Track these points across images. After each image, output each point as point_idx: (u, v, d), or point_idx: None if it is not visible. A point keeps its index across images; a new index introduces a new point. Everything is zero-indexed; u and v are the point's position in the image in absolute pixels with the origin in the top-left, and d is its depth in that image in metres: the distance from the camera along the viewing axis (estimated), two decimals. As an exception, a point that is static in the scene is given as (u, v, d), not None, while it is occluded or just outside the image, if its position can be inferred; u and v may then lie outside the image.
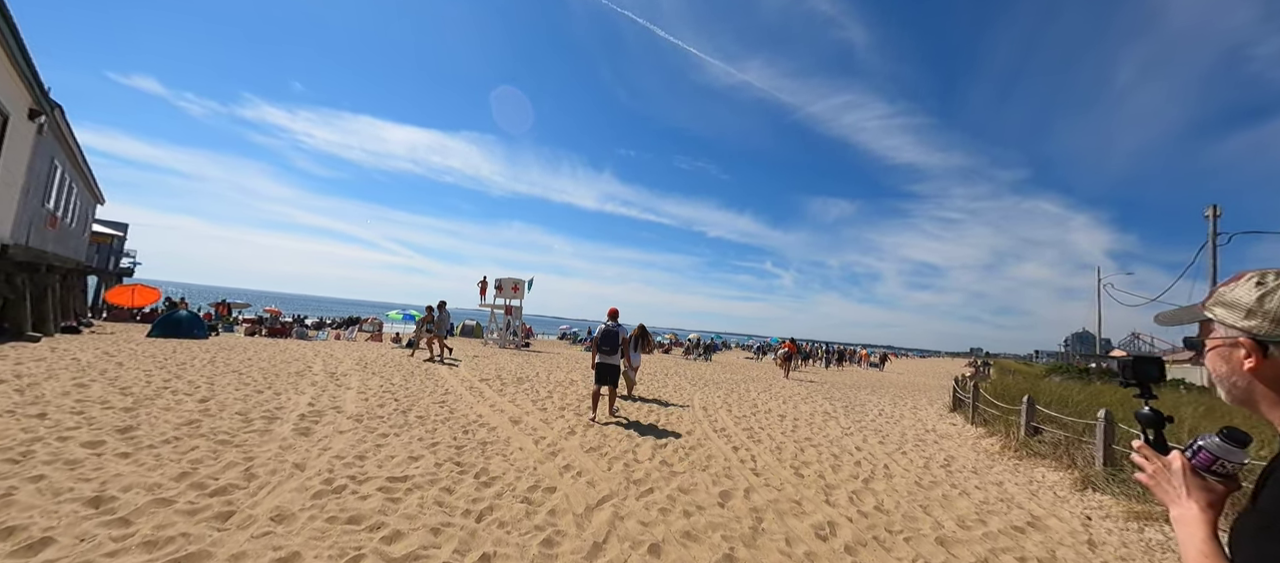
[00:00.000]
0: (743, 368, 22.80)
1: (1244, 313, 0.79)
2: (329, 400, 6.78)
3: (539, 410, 7.39)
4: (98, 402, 5.49)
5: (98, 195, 21.13)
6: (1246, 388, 0.80)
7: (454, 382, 9.63)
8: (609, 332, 7.44)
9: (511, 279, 26.97)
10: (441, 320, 13.47)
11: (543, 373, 12.51)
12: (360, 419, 5.85)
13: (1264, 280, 0.80)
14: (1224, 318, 0.82)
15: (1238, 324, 0.80)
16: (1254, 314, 0.78)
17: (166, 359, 9.34)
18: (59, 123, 11.39)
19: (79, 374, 6.95)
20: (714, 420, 7.90)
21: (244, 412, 5.67)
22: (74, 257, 17.91)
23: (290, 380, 8.11)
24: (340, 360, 11.76)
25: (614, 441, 5.96)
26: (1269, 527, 0.70)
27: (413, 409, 6.68)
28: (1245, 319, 0.79)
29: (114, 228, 34.09)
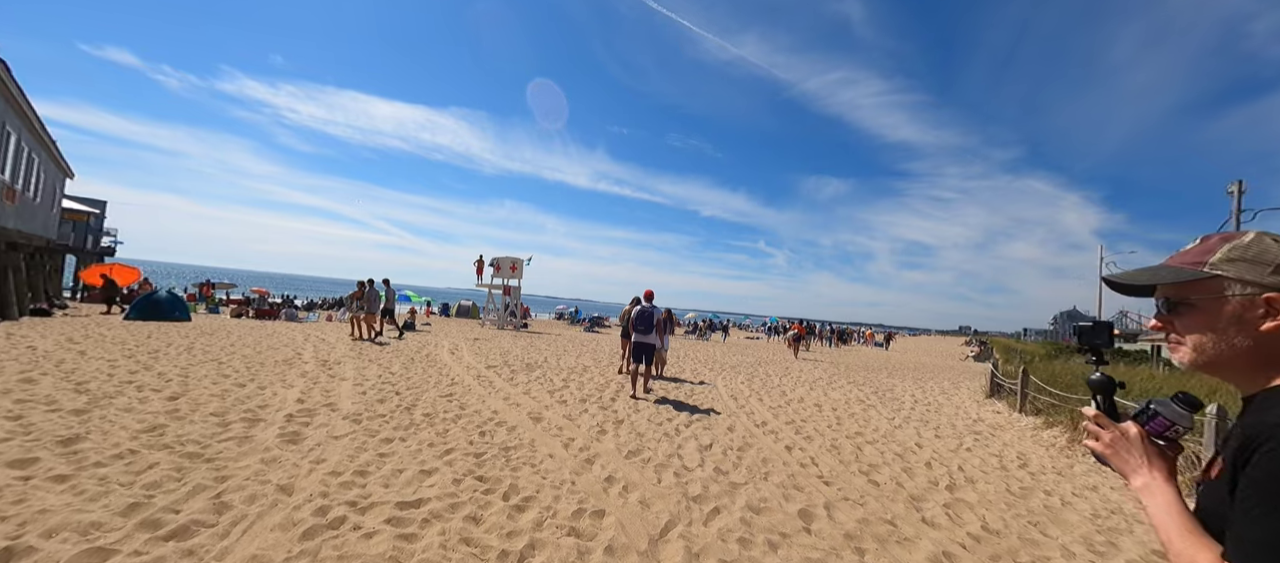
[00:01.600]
0: (749, 349, 22.20)
1: (1274, 268, 0.75)
2: (321, 395, 5.94)
3: (558, 403, 6.62)
4: (43, 402, 4.62)
5: (65, 169, 19.72)
6: (1252, 349, 0.76)
7: (459, 370, 8.82)
8: (644, 313, 7.82)
9: (510, 258, 25.98)
10: (369, 298, 12.74)
11: (551, 358, 11.73)
12: (358, 419, 5.03)
13: (1277, 237, 0.78)
14: (1245, 275, 0.77)
15: (1265, 280, 0.75)
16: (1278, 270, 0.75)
17: (138, 346, 8.42)
18: (5, 82, 10.16)
19: (29, 367, 6.04)
20: (751, 412, 7.17)
21: (221, 412, 4.83)
22: (41, 233, 16.68)
23: (277, 371, 7.25)
24: (333, 346, 10.89)
25: (652, 441, 5.20)
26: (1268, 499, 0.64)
27: (418, 405, 5.86)
28: (1275, 274, 0.75)
29: (91, 205, 32.49)
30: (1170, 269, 0.85)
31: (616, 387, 8.27)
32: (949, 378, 15.86)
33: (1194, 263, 0.82)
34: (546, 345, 15.32)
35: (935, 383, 13.77)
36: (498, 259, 25.84)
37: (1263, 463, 0.67)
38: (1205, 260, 0.81)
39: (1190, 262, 0.83)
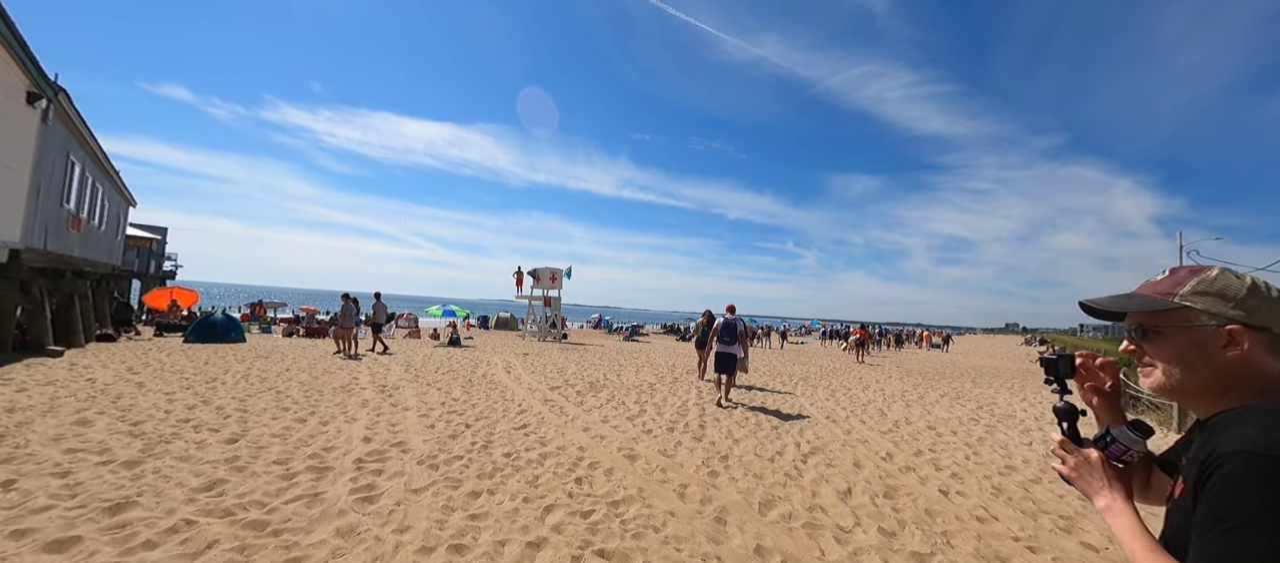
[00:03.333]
0: (802, 354, 20.95)
1: (1235, 303, 0.82)
2: (387, 430, 5.32)
3: (645, 433, 5.80)
4: (95, 451, 4.12)
5: (128, 197, 20.45)
6: (1211, 376, 0.83)
7: (522, 393, 8.14)
8: (729, 325, 8.20)
9: (549, 269, 25.55)
10: (344, 313, 12.69)
11: (610, 374, 10.96)
12: (435, 464, 4.34)
13: (1238, 274, 0.86)
14: (1211, 307, 0.84)
15: (1228, 313, 0.82)
16: (1245, 305, 0.82)
17: (196, 374, 8.11)
18: (68, 112, 10.23)
19: (86, 404, 5.66)
20: (863, 439, 6.16)
21: (284, 458, 4.23)
22: (107, 260, 17.19)
23: (336, 400, 6.72)
24: (386, 367, 10.45)
25: (777, 485, 4.31)
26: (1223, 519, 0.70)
27: (494, 441, 5.16)
28: (1236, 308, 0.82)
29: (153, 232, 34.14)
30: (1143, 298, 0.92)
31: (696, 408, 7.41)
32: (1034, 384, 14.26)
33: (1165, 293, 0.89)
34: (597, 359, 14.60)
35: (1031, 392, 12.29)
36: (537, 270, 25.45)
37: (1214, 486, 0.72)
38: (1176, 292, 0.88)
39: (1161, 292, 0.90)
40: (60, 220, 11.18)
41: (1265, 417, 0.75)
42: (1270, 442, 0.70)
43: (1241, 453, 0.71)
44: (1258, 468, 0.69)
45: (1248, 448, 0.71)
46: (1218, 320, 0.82)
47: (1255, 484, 0.68)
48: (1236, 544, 0.67)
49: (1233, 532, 0.68)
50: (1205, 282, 0.86)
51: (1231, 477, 0.70)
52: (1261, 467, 0.69)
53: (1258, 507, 0.67)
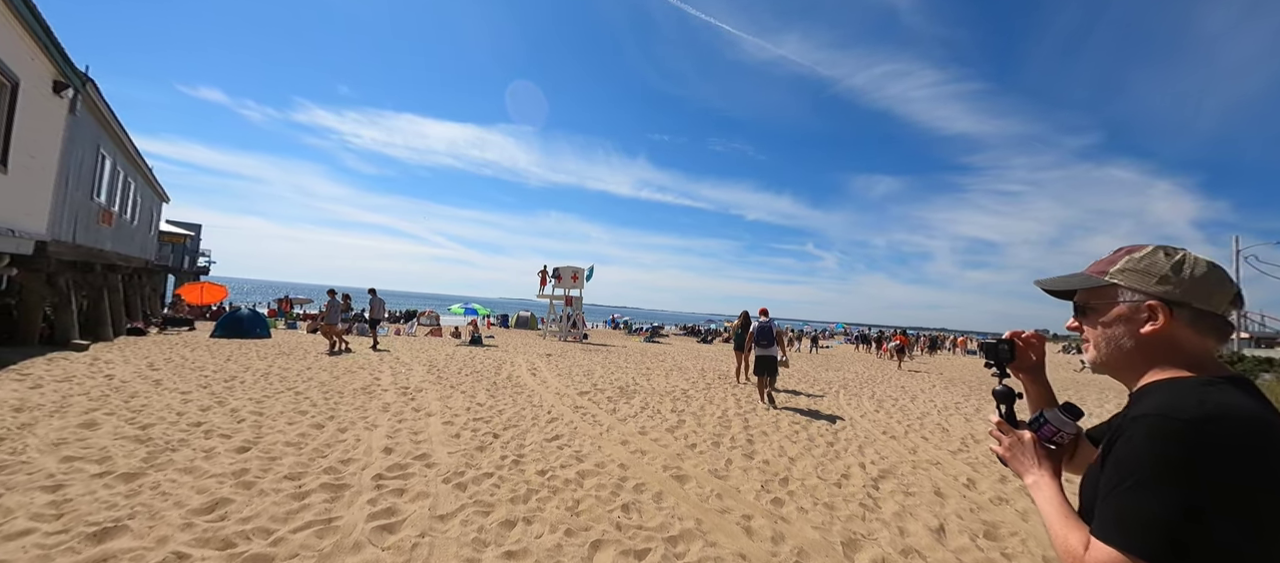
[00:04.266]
0: (834, 358, 20.04)
1: (1157, 279, 0.86)
2: (410, 439, 4.86)
3: (689, 448, 5.23)
4: (95, 460, 3.74)
5: (161, 193, 20.77)
6: (1131, 350, 0.87)
7: (550, 398, 7.65)
8: (765, 328, 8.33)
9: (571, 268, 25.18)
10: (330, 309, 12.46)
11: (639, 379, 10.41)
12: (462, 482, 3.84)
13: (1169, 252, 0.88)
14: (1134, 283, 0.88)
15: (1150, 289, 0.86)
16: (1167, 281, 0.85)
17: (216, 372, 7.85)
18: (97, 104, 10.17)
19: (98, 403, 5.36)
20: (931, 458, 5.47)
21: (297, 473, 3.78)
22: (139, 255, 17.40)
23: (356, 403, 6.33)
24: (409, 366, 10.10)
25: (853, 518, 3.69)
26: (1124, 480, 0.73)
27: (525, 455, 4.65)
28: (1158, 285, 0.85)
29: (187, 228, 35.03)
30: (1080, 276, 0.96)
31: (738, 419, 6.80)
32: (1094, 395, 13.18)
33: (1100, 271, 0.93)
34: (622, 361, 14.07)
35: (1093, 405, 11.29)
36: (559, 269, 25.10)
37: (1120, 448, 0.76)
38: (1108, 270, 0.92)
39: (1098, 270, 0.94)
40: (90, 213, 11.17)
41: (1177, 386, 0.79)
42: (1175, 405, 0.74)
43: (1144, 416, 0.75)
44: (1158, 430, 0.72)
45: (1154, 411, 0.75)
46: (1140, 297, 0.87)
47: (1154, 445, 0.72)
48: (1132, 501, 0.70)
49: (1131, 490, 0.71)
50: (1132, 260, 0.90)
51: (1133, 440, 0.74)
52: (1161, 428, 0.72)
53: (1154, 466, 0.70)
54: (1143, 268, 0.87)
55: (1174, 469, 0.68)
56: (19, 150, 7.32)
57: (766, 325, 8.38)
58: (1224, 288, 0.84)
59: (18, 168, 7.37)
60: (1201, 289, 0.83)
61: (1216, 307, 0.83)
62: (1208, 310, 0.83)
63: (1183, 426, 0.70)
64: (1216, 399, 0.73)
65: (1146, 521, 0.68)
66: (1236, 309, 0.85)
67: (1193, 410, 0.72)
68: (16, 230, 7.59)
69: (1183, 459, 0.68)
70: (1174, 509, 0.67)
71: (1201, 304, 0.83)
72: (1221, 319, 0.84)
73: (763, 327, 8.36)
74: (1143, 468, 0.70)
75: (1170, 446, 0.70)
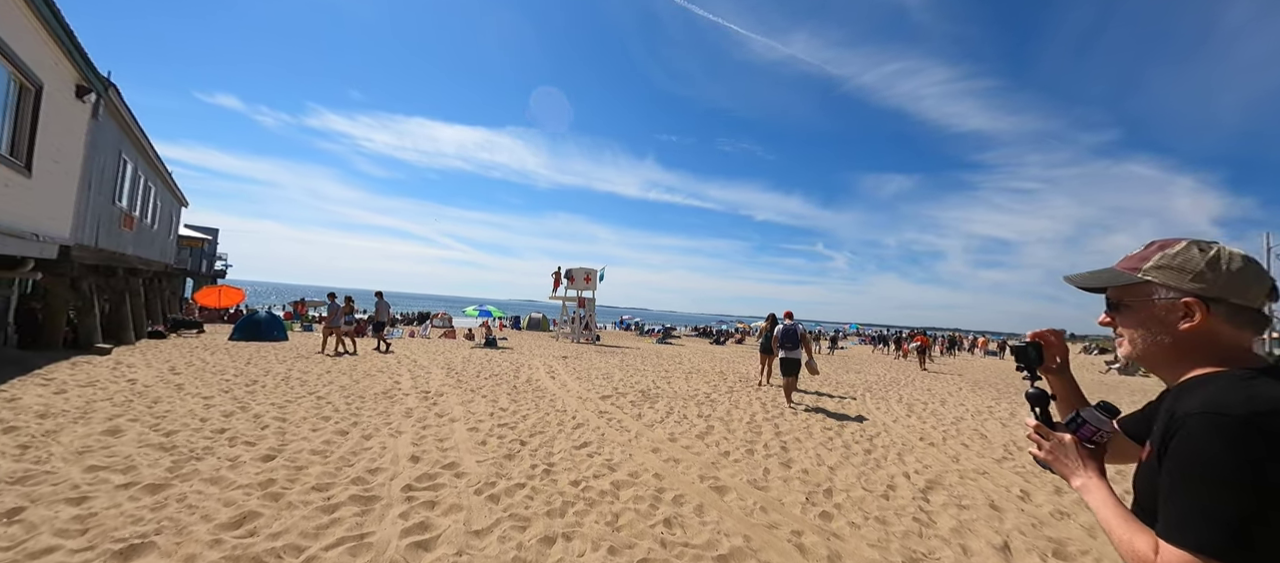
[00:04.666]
0: (852, 359, 19.66)
1: (1192, 276, 0.85)
2: (436, 446, 4.72)
3: (723, 456, 5.02)
4: (120, 470, 3.63)
5: (180, 198, 21.02)
6: (1170, 346, 0.87)
7: (572, 402, 7.49)
8: (789, 330, 8.46)
9: (583, 269, 25.07)
10: (332, 311, 12.41)
11: (660, 381, 10.21)
12: (495, 493, 3.68)
13: (1203, 247, 0.87)
14: (1169, 281, 0.87)
15: (1185, 286, 0.85)
16: (1202, 278, 0.85)
17: (237, 376, 7.80)
18: (118, 108, 10.22)
19: (121, 409, 5.29)
20: (978, 468, 5.20)
21: (325, 483, 3.65)
22: (160, 259, 17.60)
23: (379, 407, 6.21)
24: (427, 369, 10.01)
25: (907, 532, 3.46)
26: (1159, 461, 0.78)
27: (555, 464, 4.48)
28: (1193, 281, 0.85)
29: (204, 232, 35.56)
30: (1113, 272, 0.96)
31: (769, 425, 6.58)
32: (1128, 399, 12.71)
33: (1133, 268, 0.93)
34: (638, 363, 13.89)
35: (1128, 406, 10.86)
36: (572, 271, 25.01)
37: (1177, 448, 0.76)
38: (1141, 266, 0.92)
39: (1130, 266, 0.94)
40: (112, 218, 11.25)
41: (1221, 380, 0.80)
42: (1225, 401, 0.74)
43: (1200, 414, 0.75)
44: (1214, 426, 0.73)
45: (1205, 409, 0.75)
46: (1175, 293, 0.86)
47: (1212, 444, 0.72)
48: (1197, 501, 0.71)
49: (1194, 490, 0.72)
50: (1166, 256, 0.89)
51: (1191, 438, 0.74)
52: (1218, 424, 0.73)
53: (1214, 464, 0.71)
54: (1178, 265, 0.87)
55: (1234, 466, 0.69)
56: (43, 155, 7.33)
57: (791, 328, 8.50)
58: (1261, 282, 0.84)
59: (42, 172, 7.38)
60: (1237, 284, 0.84)
61: (1253, 301, 0.84)
62: (1245, 305, 0.84)
63: (1236, 422, 0.72)
64: (1265, 393, 0.74)
65: (1212, 519, 0.69)
66: (1273, 302, 0.85)
67: (1244, 406, 0.73)
68: (41, 235, 7.61)
69: (1241, 456, 0.69)
70: (1238, 506, 0.68)
71: (1238, 299, 0.84)
72: (1259, 313, 0.84)
73: (788, 329, 8.49)
74: (1203, 466, 0.72)
75: (1227, 442, 0.71)
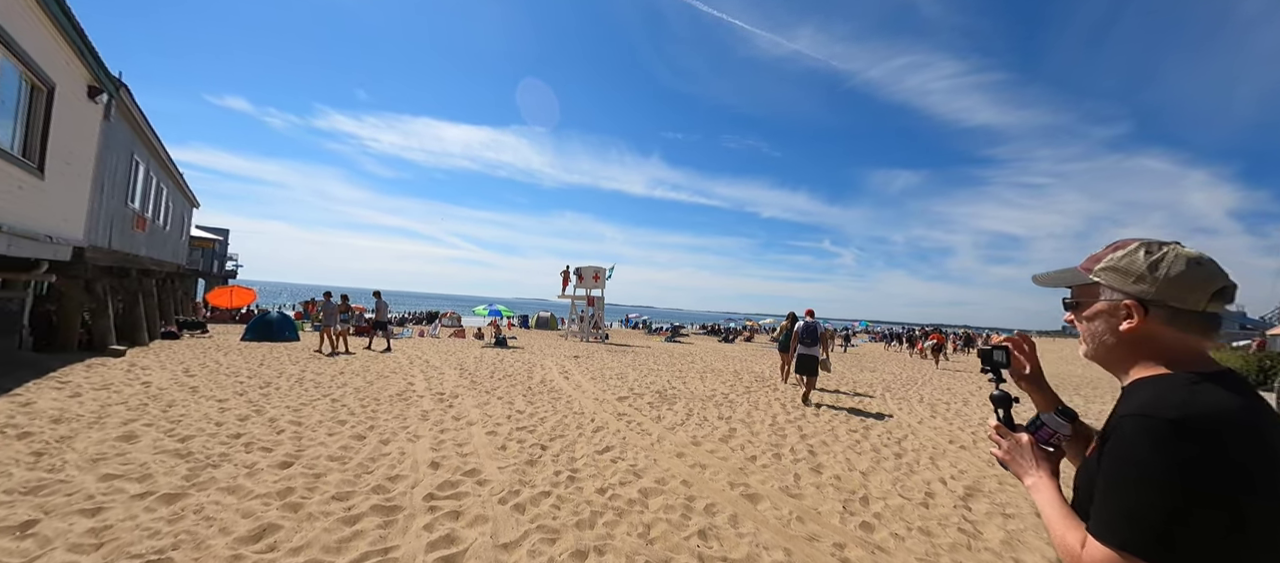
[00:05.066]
0: (865, 356, 19.37)
1: (1134, 278, 0.88)
2: (455, 452, 4.59)
3: (750, 461, 4.85)
4: (135, 478, 3.53)
5: (191, 199, 21.11)
6: (1114, 345, 0.91)
7: (589, 404, 7.34)
8: (809, 328, 8.58)
9: (592, 268, 24.95)
10: (327, 311, 12.32)
11: (675, 381, 10.05)
12: (520, 503, 3.53)
13: (1151, 249, 0.88)
14: (1113, 282, 0.90)
15: (1127, 288, 0.88)
16: (1143, 280, 0.87)
17: (251, 378, 7.73)
18: (130, 109, 10.19)
19: (136, 413, 5.21)
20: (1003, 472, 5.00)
21: (345, 492, 3.52)
22: (172, 260, 17.67)
23: (394, 411, 6.10)
24: (440, 370, 9.91)
25: (955, 545, 3.28)
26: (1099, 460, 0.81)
27: (579, 470, 4.33)
28: (1135, 284, 0.87)
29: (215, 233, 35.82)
30: (1071, 272, 0.98)
31: (792, 428, 6.40)
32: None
33: (1087, 269, 0.95)
34: (650, 362, 13.73)
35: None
36: (581, 269, 24.89)
37: (1110, 449, 0.79)
38: (1094, 267, 0.94)
39: (1086, 267, 0.96)
40: (125, 219, 11.24)
41: (1161, 384, 0.82)
42: (1157, 405, 0.77)
43: (1133, 416, 0.78)
44: (1143, 428, 0.75)
45: (1138, 411, 0.78)
46: (1119, 295, 0.89)
47: (1139, 445, 0.75)
48: (1123, 501, 0.74)
49: (1121, 490, 0.75)
50: (1115, 258, 0.91)
51: (1121, 439, 0.77)
52: (1148, 427, 0.75)
53: (1140, 466, 0.73)
54: (1122, 266, 0.89)
55: (1160, 469, 0.71)
56: (56, 156, 7.28)
57: (811, 325, 8.62)
58: (1202, 286, 0.84)
59: (55, 174, 7.34)
60: (1176, 289, 0.84)
61: (1194, 304, 0.84)
62: (1184, 309, 0.84)
63: (1165, 425, 0.73)
64: (1200, 399, 0.76)
65: (1136, 520, 0.72)
66: (1223, 304, 0.85)
67: (1175, 410, 0.75)
68: (55, 237, 7.57)
69: (1167, 459, 0.71)
70: (1161, 507, 0.70)
71: (1177, 303, 0.84)
72: (1203, 316, 0.84)
73: (807, 326, 8.61)
74: (1130, 467, 0.74)
75: (1154, 445, 0.73)
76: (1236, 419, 0.73)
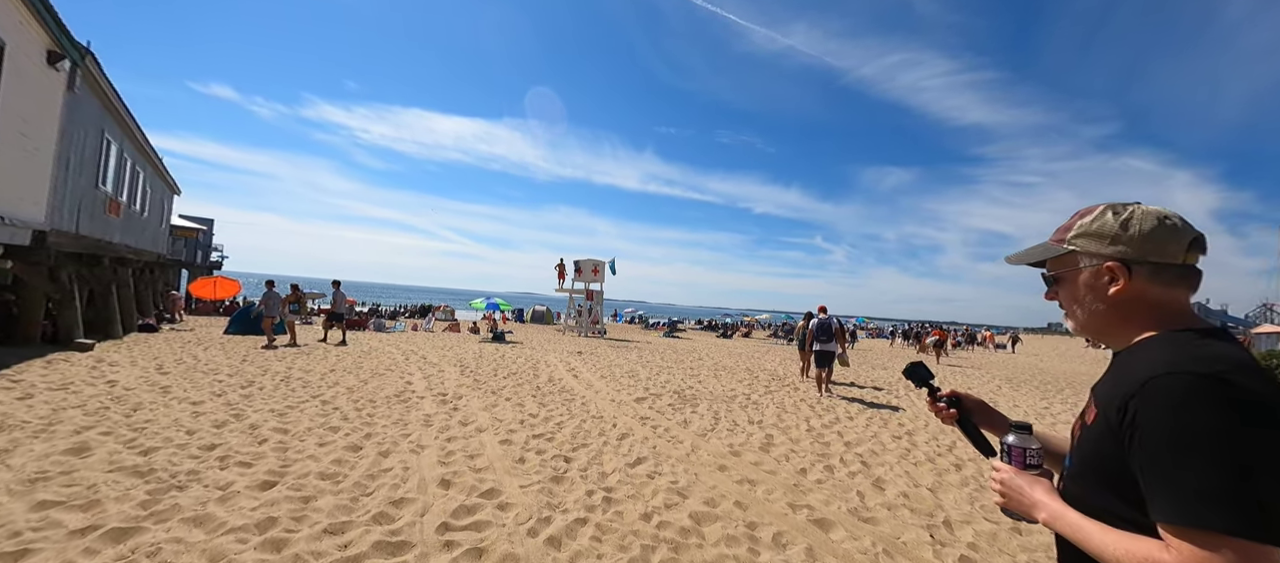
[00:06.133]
0: (870, 355, 18.96)
1: (1110, 240, 0.86)
2: (467, 466, 3.96)
3: (800, 475, 4.28)
4: (80, 504, 2.87)
5: (172, 185, 20.09)
6: (1105, 312, 0.88)
7: (607, 406, 6.74)
8: (824, 324, 8.78)
9: (591, 261, 24.27)
10: (268, 300, 11.46)
11: (690, 380, 9.48)
12: (553, 535, 2.92)
13: (1118, 210, 0.88)
14: (1089, 248, 0.88)
15: (1105, 251, 0.86)
16: (1119, 240, 0.85)
17: (232, 375, 7.03)
18: (99, 82, 9.34)
19: (94, 418, 4.52)
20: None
21: (340, 522, 2.89)
22: (151, 249, 16.73)
23: (393, 415, 5.45)
24: (439, 367, 9.25)
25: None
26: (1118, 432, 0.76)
27: (611, 486, 3.73)
28: (1112, 245, 0.86)
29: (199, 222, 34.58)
30: (1045, 247, 0.96)
31: (832, 434, 5.85)
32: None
33: (1059, 239, 0.93)
34: (656, 358, 13.15)
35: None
36: (580, 263, 24.20)
37: (1142, 415, 0.72)
38: (1066, 237, 0.92)
39: (1058, 239, 0.93)
40: (96, 202, 10.40)
41: (1165, 342, 0.80)
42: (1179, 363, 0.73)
43: (1156, 378, 0.73)
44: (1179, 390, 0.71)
45: (1161, 372, 0.73)
46: (1098, 260, 0.87)
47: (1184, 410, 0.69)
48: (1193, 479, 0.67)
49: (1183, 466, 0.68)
50: (1085, 223, 0.89)
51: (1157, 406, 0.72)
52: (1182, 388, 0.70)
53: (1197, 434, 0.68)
54: (1095, 230, 0.87)
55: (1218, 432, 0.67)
56: (7, 124, 6.49)
57: (826, 322, 8.82)
58: (1178, 238, 0.83)
59: (7, 145, 6.55)
60: (1152, 243, 0.83)
61: (1173, 257, 0.83)
62: (1166, 263, 0.83)
63: (1201, 381, 0.69)
64: (1219, 352, 0.74)
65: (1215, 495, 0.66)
66: (1199, 254, 0.84)
67: (1204, 365, 0.71)
68: (10, 218, 6.79)
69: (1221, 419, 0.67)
70: (1236, 473, 0.65)
71: (1156, 258, 0.83)
72: (1184, 269, 0.83)
73: (822, 323, 8.81)
74: (1184, 434, 0.68)
75: (1201, 406, 0.68)
76: (1257, 364, 0.71)
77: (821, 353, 8.68)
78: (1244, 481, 0.64)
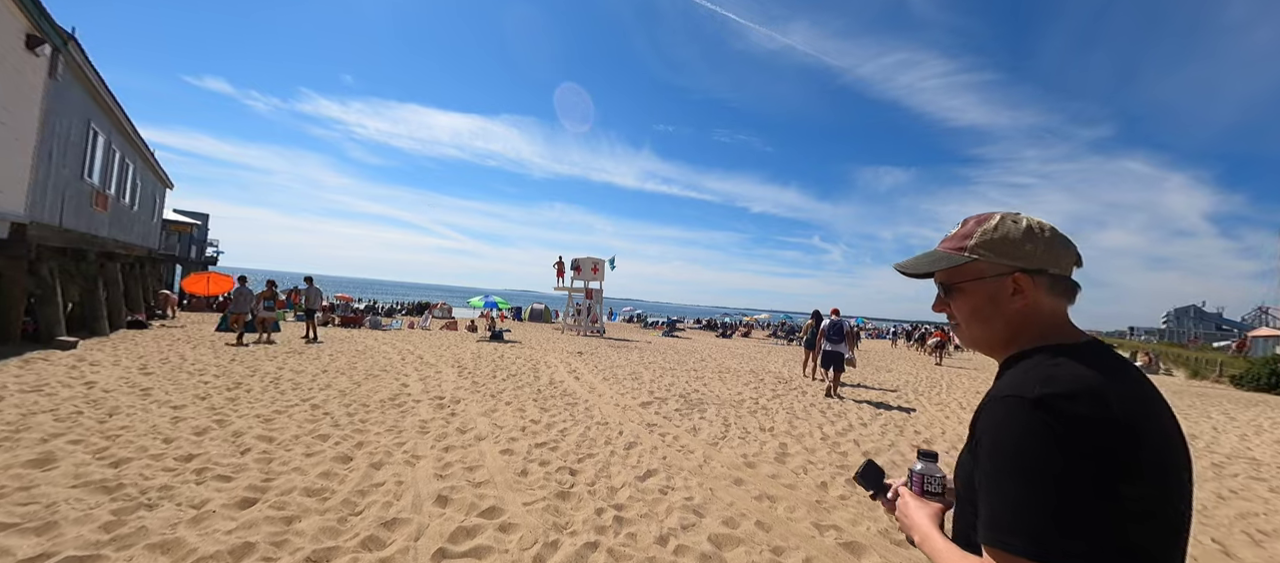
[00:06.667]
0: (872, 355, 18.73)
1: (1014, 250, 0.83)
2: (466, 481, 3.68)
3: (817, 486, 4.01)
4: (35, 527, 2.57)
5: (164, 179, 19.70)
6: (1000, 326, 0.84)
7: (611, 412, 6.46)
8: (836, 325, 8.78)
9: (591, 259, 23.95)
10: (237, 297, 11.22)
11: (695, 383, 9.20)
12: (560, 561, 2.65)
13: (1015, 219, 0.85)
14: (994, 255, 0.84)
15: (1011, 261, 0.82)
16: (1023, 249, 0.82)
17: (219, 376, 6.72)
18: (83, 69, 9.00)
19: (65, 425, 4.21)
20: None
21: (323, 550, 2.60)
22: (141, 243, 16.35)
23: (387, 422, 5.16)
24: (436, 367, 8.96)
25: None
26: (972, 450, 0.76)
27: (621, 503, 3.45)
28: (1016, 257, 0.82)
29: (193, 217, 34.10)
30: (940, 255, 0.90)
31: (849, 442, 5.59)
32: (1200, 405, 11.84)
33: (959, 248, 0.87)
34: (660, 359, 12.87)
35: (1197, 415, 9.97)
36: (579, 260, 23.88)
37: (984, 437, 0.73)
38: (966, 245, 0.86)
39: (956, 246, 0.88)
40: (82, 195, 10.06)
41: (1025, 362, 0.78)
42: (1020, 385, 0.72)
43: (998, 399, 0.73)
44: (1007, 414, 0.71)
45: (1003, 393, 0.73)
46: (1004, 270, 0.83)
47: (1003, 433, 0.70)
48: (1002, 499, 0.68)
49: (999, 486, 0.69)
50: (987, 230, 0.85)
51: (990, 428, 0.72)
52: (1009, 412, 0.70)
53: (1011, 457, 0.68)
54: (1001, 237, 0.84)
55: (1027, 456, 0.67)
56: (-16, 114, 6.17)
57: (837, 324, 8.85)
58: (1068, 250, 0.84)
59: (-17, 135, 6.23)
60: (1053, 252, 0.82)
61: (1067, 269, 0.83)
62: (1061, 274, 0.83)
63: (1022, 405, 0.69)
64: (1058, 373, 0.72)
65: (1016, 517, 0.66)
66: (1078, 267, 0.85)
67: (1035, 388, 0.70)
68: (-15, 210, 6.47)
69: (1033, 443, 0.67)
70: (1039, 497, 0.65)
71: (1056, 269, 0.82)
72: (1070, 281, 0.84)
73: (834, 324, 8.84)
74: (1002, 458, 0.69)
75: (1018, 432, 0.69)
76: (1088, 393, 0.68)
77: (831, 354, 8.68)
78: (1046, 504, 0.64)
